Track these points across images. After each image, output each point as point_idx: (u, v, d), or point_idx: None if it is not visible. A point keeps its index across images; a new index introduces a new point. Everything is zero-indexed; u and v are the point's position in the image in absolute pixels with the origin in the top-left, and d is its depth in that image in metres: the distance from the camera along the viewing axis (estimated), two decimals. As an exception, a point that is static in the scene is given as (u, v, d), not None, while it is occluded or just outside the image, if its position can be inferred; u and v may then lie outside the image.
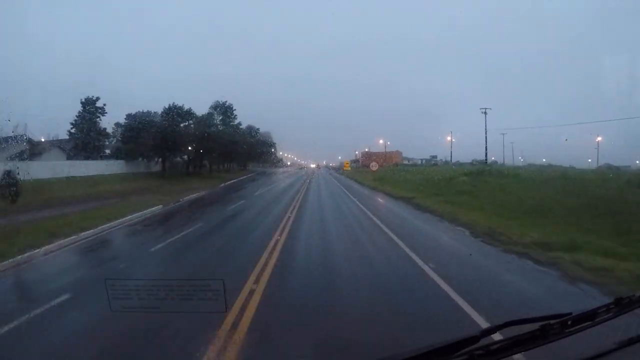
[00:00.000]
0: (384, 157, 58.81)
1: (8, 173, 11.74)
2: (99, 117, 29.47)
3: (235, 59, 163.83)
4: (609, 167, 34.67)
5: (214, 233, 8.99)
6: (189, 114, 32.94)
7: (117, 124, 31.74)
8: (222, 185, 27.49)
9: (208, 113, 42.44)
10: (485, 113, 39.90)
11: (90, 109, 29.14)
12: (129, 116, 31.89)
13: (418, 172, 35.09)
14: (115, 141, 31.58)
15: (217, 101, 48.58)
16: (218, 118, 46.92)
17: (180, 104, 32.68)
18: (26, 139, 17.67)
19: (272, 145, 67.79)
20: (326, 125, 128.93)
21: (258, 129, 60.47)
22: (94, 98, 29.34)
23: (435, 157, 63.82)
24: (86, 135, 28.58)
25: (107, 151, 30.91)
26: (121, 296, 2.29)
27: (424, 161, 66.44)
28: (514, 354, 1.37)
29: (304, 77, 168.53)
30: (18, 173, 11.92)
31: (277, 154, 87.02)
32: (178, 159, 33.39)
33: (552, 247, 6.62)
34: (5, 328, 3.70)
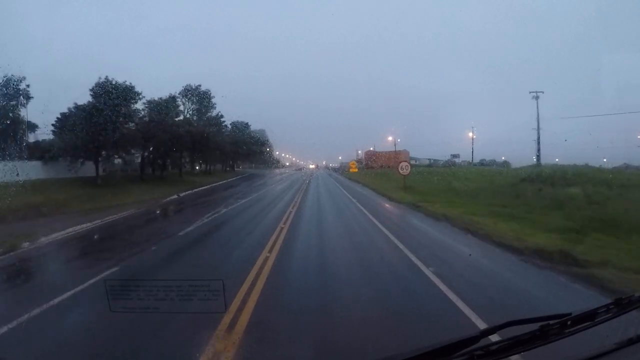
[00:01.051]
0: (393, 157, 53.41)
1: None
2: (22, 103, 23.76)
3: (233, 58, 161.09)
4: (627, 166, 32.06)
5: None
6: (130, 93, 24.89)
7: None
8: (173, 198, 22.05)
9: (169, 97, 33.58)
10: (537, 97, 33.05)
11: (10, 92, 22.72)
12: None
13: (451, 174, 28.74)
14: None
15: (189, 85, 38.87)
16: (189, 107, 38.71)
17: (120, 80, 25.14)
18: None
19: (265, 143, 58.79)
20: (326, 125, 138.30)
21: (247, 124, 51.76)
22: (18, 78, 22.90)
23: (458, 155, 57.68)
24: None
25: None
26: (121, 297, 2.36)
27: (431, 161, 63.60)
28: (514, 354, 1.38)
29: (303, 77, 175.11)
30: None
31: (274, 154, 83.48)
32: (118, 159, 27.32)
33: None
34: None
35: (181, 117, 35.03)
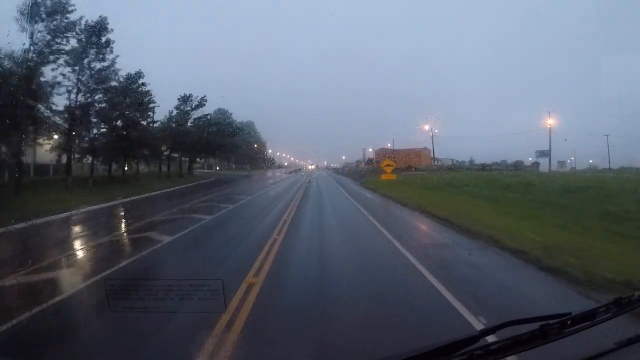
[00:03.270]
0: (413, 156, 44.70)
1: None
2: None
3: (233, 58, 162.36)
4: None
5: None
6: None
7: None
8: None
9: None
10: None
11: None
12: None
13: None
14: None
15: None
16: (39, 39, 18.09)
17: None
18: None
19: (236, 133, 41.91)
20: (326, 126, 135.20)
21: (204, 99, 35.06)
22: None
23: (548, 152, 39.97)
24: None
25: None
26: (121, 296, 2.36)
27: (455, 161, 53.68)
28: (514, 354, 1.39)
29: (304, 76, 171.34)
30: None
31: (267, 152, 78.14)
32: None
33: None
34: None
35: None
